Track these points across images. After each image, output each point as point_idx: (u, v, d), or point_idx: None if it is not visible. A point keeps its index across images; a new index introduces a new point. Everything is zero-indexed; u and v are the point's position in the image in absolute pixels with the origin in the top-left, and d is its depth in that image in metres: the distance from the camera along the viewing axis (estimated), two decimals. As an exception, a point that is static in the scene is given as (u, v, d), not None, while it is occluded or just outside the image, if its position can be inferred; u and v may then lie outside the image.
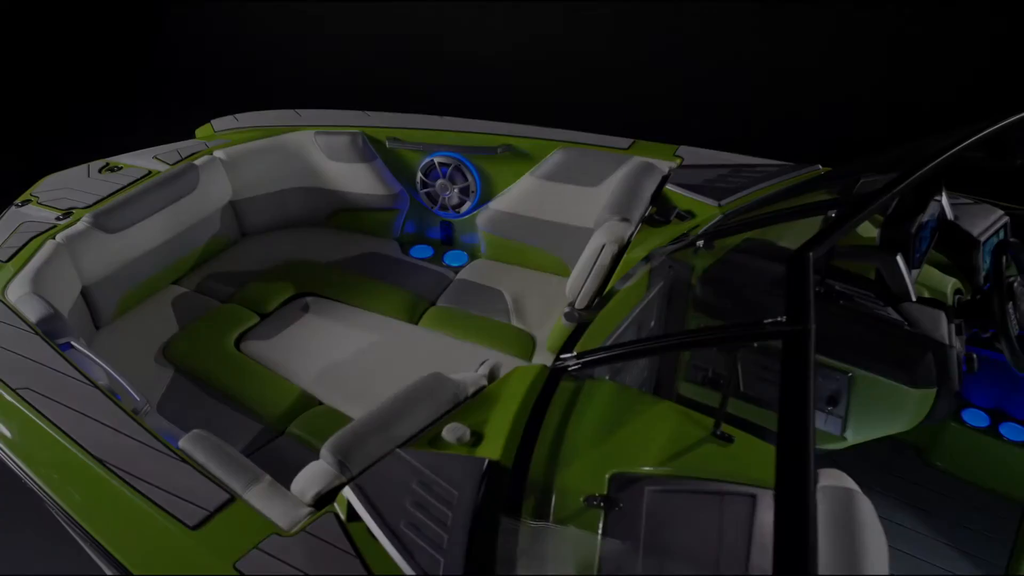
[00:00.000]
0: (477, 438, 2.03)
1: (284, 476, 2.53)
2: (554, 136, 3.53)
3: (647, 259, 2.63)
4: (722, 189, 3.02)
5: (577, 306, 2.87)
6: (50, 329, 2.54)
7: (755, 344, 1.89)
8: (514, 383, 2.21)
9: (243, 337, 3.20)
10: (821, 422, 2.56)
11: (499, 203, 3.62)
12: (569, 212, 3.45)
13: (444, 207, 3.82)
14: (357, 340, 3.15)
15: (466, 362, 3.02)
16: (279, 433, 2.80)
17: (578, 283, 2.85)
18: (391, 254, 3.77)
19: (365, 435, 2.01)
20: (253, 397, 2.89)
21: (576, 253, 3.47)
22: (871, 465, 3.03)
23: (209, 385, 2.96)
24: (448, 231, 3.89)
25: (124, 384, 2.40)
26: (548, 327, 3.25)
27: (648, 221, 2.91)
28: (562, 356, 2.22)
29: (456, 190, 3.73)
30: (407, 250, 3.88)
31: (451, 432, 2.03)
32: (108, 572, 2.14)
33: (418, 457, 1.95)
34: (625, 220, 2.83)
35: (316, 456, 2.67)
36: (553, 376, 2.16)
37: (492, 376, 2.35)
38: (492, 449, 1.97)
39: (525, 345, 3.16)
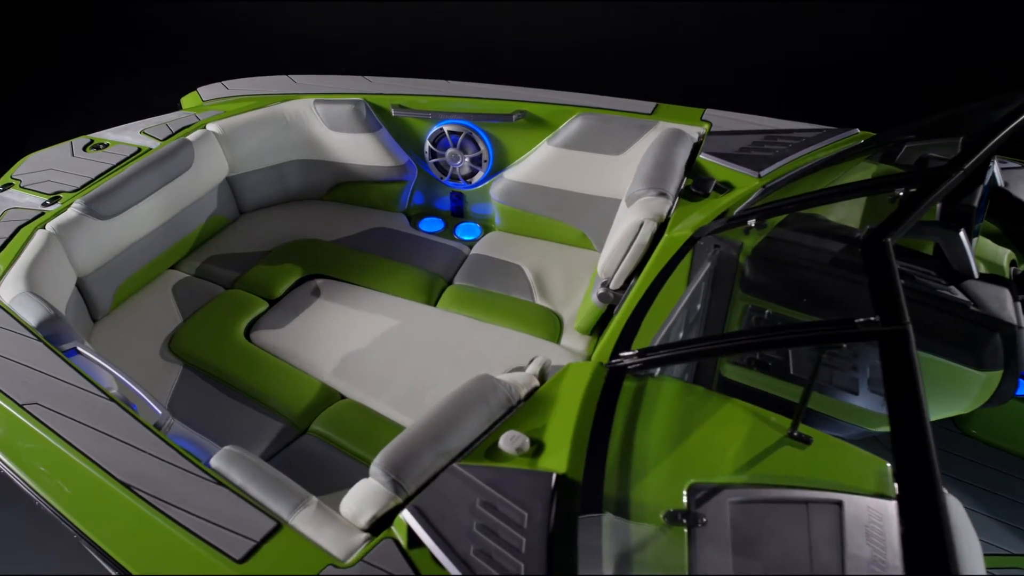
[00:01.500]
0: (537, 447, 1.89)
1: (314, 481, 2.40)
2: (571, 101, 3.33)
3: (694, 239, 2.46)
4: (760, 158, 2.85)
5: (612, 286, 2.72)
6: (52, 333, 2.33)
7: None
8: (569, 383, 2.06)
9: (253, 326, 3.01)
10: (879, 405, 2.46)
11: (514, 173, 3.42)
12: (590, 182, 3.27)
13: (454, 177, 3.61)
14: (375, 326, 2.98)
15: (493, 346, 2.88)
16: (301, 432, 2.65)
17: (613, 262, 2.70)
18: (400, 228, 3.57)
19: (418, 449, 1.85)
20: (270, 393, 2.72)
21: (599, 225, 3.32)
22: None
23: (221, 381, 2.77)
24: (459, 202, 3.69)
25: (141, 394, 2.21)
26: (573, 305, 3.11)
27: (685, 194, 2.75)
28: (621, 354, 2.06)
29: (467, 159, 3.53)
30: (416, 223, 3.68)
31: (509, 442, 1.88)
32: None
33: (478, 473, 1.81)
34: (662, 195, 2.66)
35: (344, 456, 2.54)
36: (614, 376, 2.01)
37: (543, 375, 2.20)
38: (556, 460, 1.83)
39: (552, 326, 3.01)
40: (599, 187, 3.26)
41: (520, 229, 3.53)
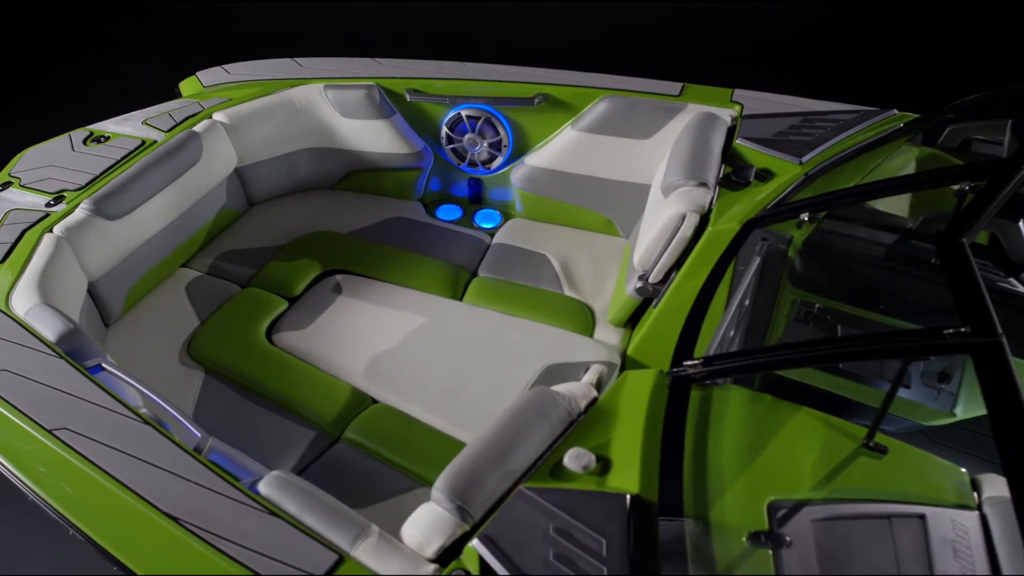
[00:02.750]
0: (604, 464, 1.81)
1: (354, 493, 2.31)
2: (595, 83, 3.19)
3: (744, 233, 2.37)
4: (799, 143, 2.75)
5: (652, 280, 2.63)
6: (73, 348, 2.20)
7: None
8: (630, 394, 1.97)
9: (274, 327, 2.89)
10: (931, 399, 2.40)
11: (536, 158, 3.29)
12: (617, 167, 3.16)
13: (472, 163, 3.48)
14: (402, 323, 2.87)
15: (526, 342, 2.78)
16: (334, 440, 2.55)
17: (652, 254, 2.60)
18: (417, 218, 3.45)
19: (481, 472, 1.76)
20: (299, 399, 2.61)
21: (626, 211, 3.21)
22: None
23: (245, 387, 2.66)
24: (476, 188, 3.57)
25: (176, 415, 2.10)
26: (604, 296, 3.01)
27: (724, 183, 2.65)
28: (685, 363, 1.98)
29: (485, 145, 3.40)
30: (433, 211, 3.55)
31: (575, 460, 1.80)
32: None
33: (548, 496, 1.72)
34: (702, 185, 2.56)
35: (381, 464, 2.45)
36: (678, 386, 1.93)
37: (599, 384, 2.11)
38: (626, 478, 1.75)
39: (583, 318, 2.92)
40: (626, 172, 3.15)
41: (542, 216, 3.42)
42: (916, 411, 2.38)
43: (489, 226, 3.48)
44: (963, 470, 1.81)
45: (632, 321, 2.87)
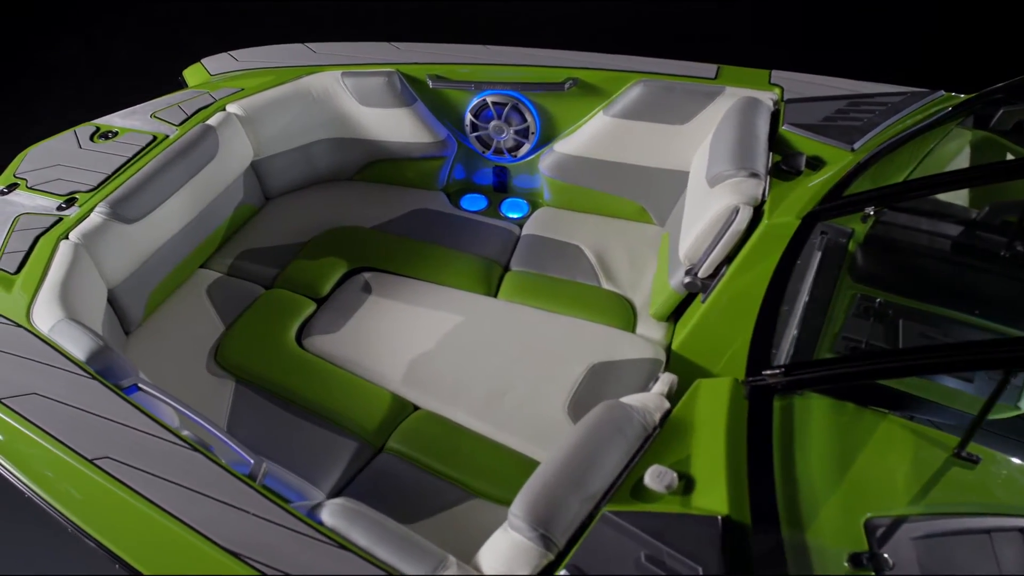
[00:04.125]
0: (687, 482, 1.72)
1: (403, 507, 2.23)
2: (626, 66, 3.07)
3: (807, 226, 2.26)
4: (849, 128, 2.64)
5: (701, 275, 2.53)
6: (105, 368, 2.07)
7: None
8: (705, 405, 1.88)
9: (304, 331, 2.77)
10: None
11: (566, 146, 3.17)
12: (652, 154, 3.04)
13: (498, 151, 3.35)
14: (437, 324, 2.76)
15: (567, 340, 2.68)
16: (377, 450, 2.44)
17: (700, 248, 2.50)
18: (441, 209, 3.32)
19: (562, 496, 1.66)
20: (337, 408, 2.50)
21: (660, 198, 3.11)
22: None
23: (279, 396, 2.54)
24: (502, 177, 3.44)
25: (221, 437, 1.98)
26: (643, 288, 2.91)
27: (774, 172, 2.54)
28: (764, 372, 1.88)
29: (512, 132, 3.26)
30: (456, 201, 3.42)
31: (656, 479, 1.71)
32: None
33: (634, 520, 1.63)
34: (754, 175, 2.45)
35: (429, 475, 2.34)
36: (758, 397, 1.83)
37: (670, 394, 2.01)
38: (713, 498, 1.66)
39: (625, 312, 2.82)
40: (662, 159, 3.03)
41: (572, 204, 3.30)
42: (975, 405, 2.31)
43: (517, 216, 3.36)
44: None
45: (674, 314, 2.78)
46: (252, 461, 1.88)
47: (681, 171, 3.01)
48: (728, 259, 2.46)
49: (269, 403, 2.52)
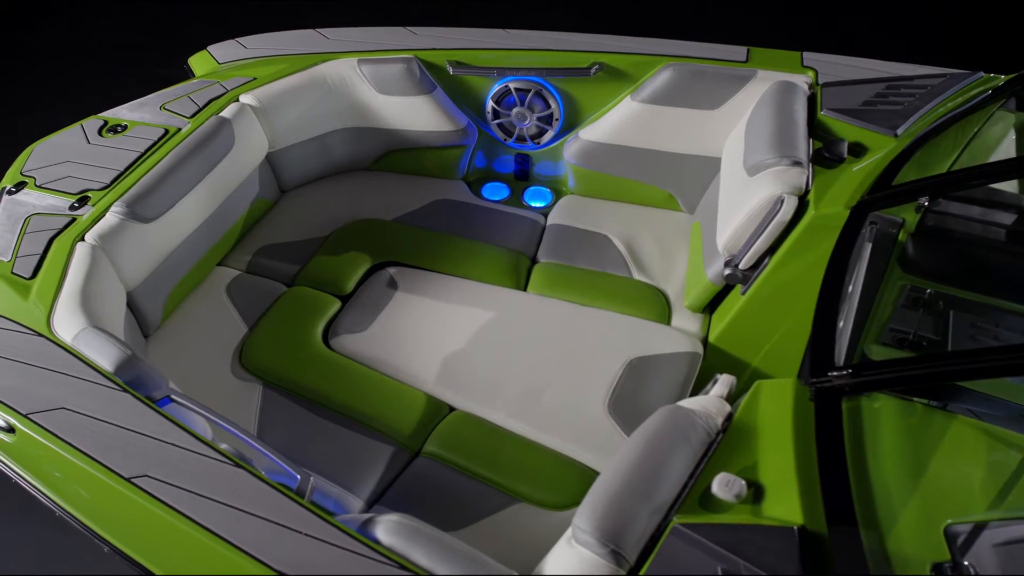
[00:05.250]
0: (756, 490, 1.65)
1: (445, 514, 2.16)
2: (653, 49, 2.97)
3: (859, 216, 2.19)
4: (890, 113, 2.56)
5: (743, 266, 2.46)
6: (135, 378, 1.98)
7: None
8: (768, 409, 1.81)
9: (330, 330, 2.68)
10: None
11: (592, 133, 3.07)
12: (683, 140, 2.96)
13: (520, 139, 3.25)
14: (468, 320, 2.67)
15: (603, 334, 2.61)
16: (415, 454, 2.37)
17: (741, 238, 2.43)
18: (463, 199, 3.22)
19: (630, 508, 1.59)
20: (369, 411, 2.42)
21: (690, 185, 3.03)
22: None
23: (309, 400, 2.46)
24: (524, 165, 3.34)
25: (262, 450, 1.90)
26: (675, 279, 2.84)
27: (816, 160, 2.46)
28: (830, 373, 1.81)
29: (535, 119, 3.16)
30: (478, 190, 3.33)
31: (725, 488, 1.64)
32: None
33: (706, 533, 1.56)
34: (796, 163, 2.37)
35: (469, 479, 2.27)
36: (825, 399, 1.76)
37: (729, 397, 1.95)
38: (785, 506, 1.59)
39: (659, 304, 2.75)
40: (692, 145, 2.95)
41: (597, 192, 3.22)
42: None
43: (540, 204, 3.27)
44: None
45: (708, 306, 2.72)
46: (299, 476, 1.79)
47: (712, 157, 2.93)
48: (771, 250, 2.39)
49: (299, 407, 2.44)
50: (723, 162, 2.83)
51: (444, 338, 2.61)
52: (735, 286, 2.58)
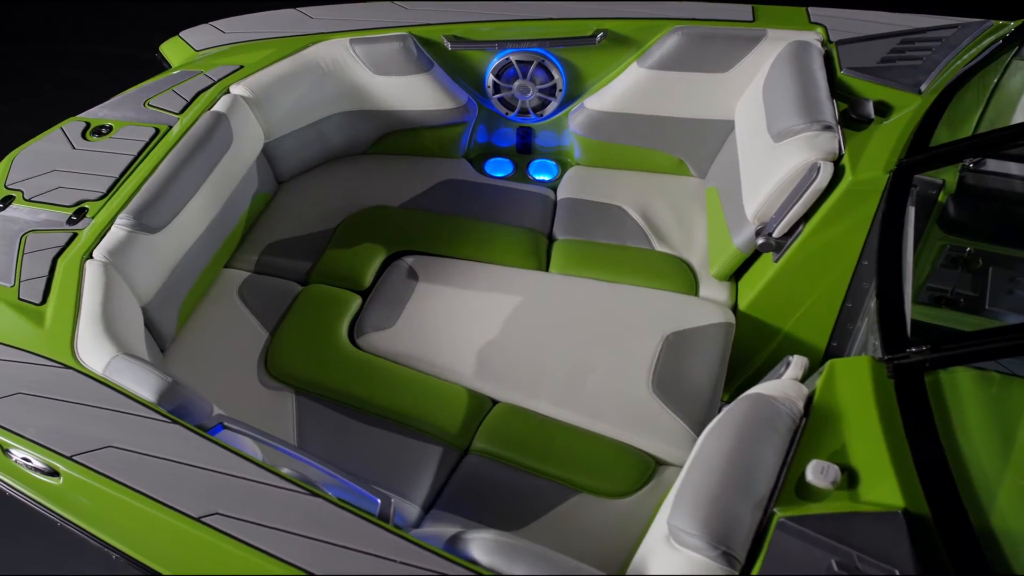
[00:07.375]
0: (850, 474, 1.65)
1: (502, 512, 2.13)
2: (658, 13, 2.88)
3: (903, 181, 2.16)
4: (910, 69, 2.53)
5: (776, 234, 2.43)
6: (180, 407, 1.86)
7: None
8: (847, 389, 1.79)
9: (355, 328, 2.58)
10: None
11: (597, 102, 2.99)
12: (692, 104, 2.89)
13: (523, 111, 3.14)
14: (495, 306, 2.60)
15: (635, 311, 2.58)
16: (463, 452, 2.31)
17: (773, 206, 2.40)
18: (468, 178, 3.12)
19: (733, 506, 1.57)
20: (410, 411, 2.35)
21: (700, 150, 2.99)
22: None
23: (344, 404, 2.37)
24: (526, 138, 3.24)
25: (333, 474, 1.81)
26: (697, 247, 2.81)
27: (844, 122, 2.43)
28: (910, 349, 1.80)
29: (536, 90, 3.06)
30: (480, 167, 3.22)
31: (820, 475, 1.63)
32: None
33: (813, 525, 1.55)
34: (827, 128, 2.34)
35: (524, 474, 2.22)
36: (906, 375, 1.75)
37: (804, 379, 1.92)
38: (883, 490, 1.59)
39: (685, 275, 2.72)
40: (703, 110, 2.89)
41: (605, 162, 3.14)
42: None
43: (547, 178, 3.19)
44: None
45: (737, 274, 2.70)
46: (379, 500, 1.72)
47: (724, 120, 2.88)
48: (804, 217, 2.36)
49: (336, 413, 2.35)
50: (738, 126, 2.78)
51: (475, 328, 2.54)
52: (763, 253, 2.56)
